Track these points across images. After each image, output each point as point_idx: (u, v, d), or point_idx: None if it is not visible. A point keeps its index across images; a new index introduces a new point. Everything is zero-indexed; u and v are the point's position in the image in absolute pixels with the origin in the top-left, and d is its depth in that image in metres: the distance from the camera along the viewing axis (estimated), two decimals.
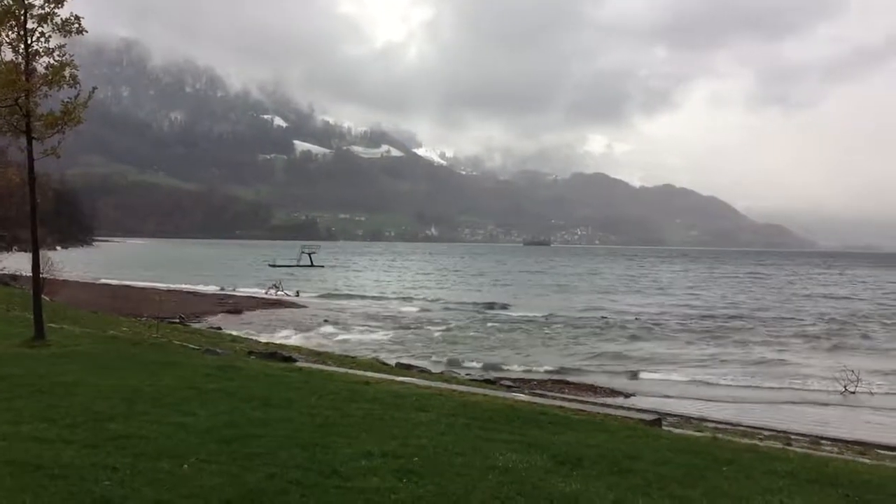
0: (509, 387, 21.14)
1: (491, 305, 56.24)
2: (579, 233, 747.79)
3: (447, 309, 53.53)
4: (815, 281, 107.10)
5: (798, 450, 12.29)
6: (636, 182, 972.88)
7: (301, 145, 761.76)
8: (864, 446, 15.49)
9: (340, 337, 36.23)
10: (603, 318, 47.88)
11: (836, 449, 14.57)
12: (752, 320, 48.48)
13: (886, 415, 21.57)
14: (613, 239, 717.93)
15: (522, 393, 18.31)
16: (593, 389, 24.33)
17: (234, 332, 31.56)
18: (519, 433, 9.92)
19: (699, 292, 78.39)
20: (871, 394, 24.72)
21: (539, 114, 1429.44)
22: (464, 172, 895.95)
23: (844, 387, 25.15)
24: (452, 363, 28.96)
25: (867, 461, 11.31)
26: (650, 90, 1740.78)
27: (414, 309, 52.89)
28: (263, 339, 30.18)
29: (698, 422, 17.52)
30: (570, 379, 26.28)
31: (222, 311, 44.69)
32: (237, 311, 45.21)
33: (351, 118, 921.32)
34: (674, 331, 42.16)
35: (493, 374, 25.37)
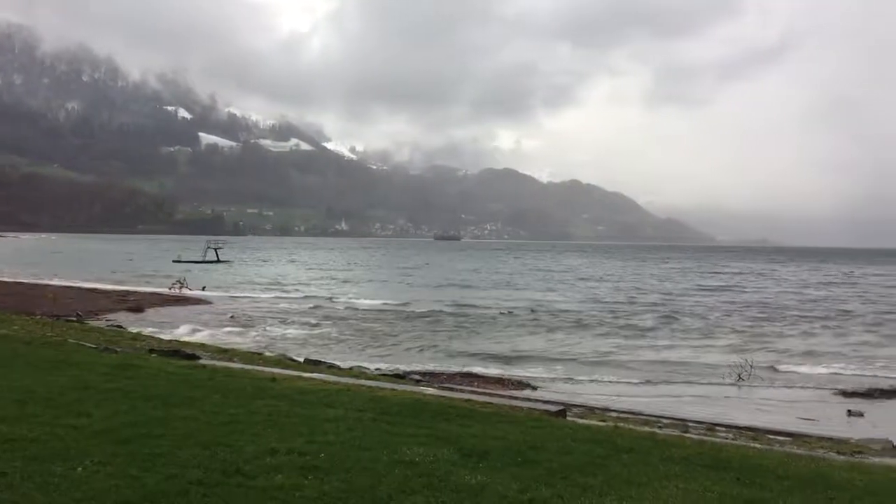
0: (418, 381, 21.19)
1: (398, 301, 56.13)
2: (489, 227, 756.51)
3: (356, 305, 53.21)
4: (710, 273, 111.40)
5: (694, 436, 12.79)
6: (544, 178, 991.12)
7: (207, 138, 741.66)
8: (755, 432, 16.21)
9: (247, 333, 35.54)
10: (504, 312, 48.60)
11: (730, 435, 15.19)
12: (651, 312, 50.08)
13: (776, 403, 22.63)
14: (523, 234, 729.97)
15: (431, 387, 18.38)
16: (501, 382, 24.61)
17: (136, 330, 30.53)
18: (427, 427, 9.98)
19: (599, 285, 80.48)
20: (765, 385, 25.89)
21: (446, 108, 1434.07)
22: (374, 167, 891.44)
23: (739, 375, 26.28)
24: (361, 358, 28.83)
25: (758, 446, 11.86)
26: (553, 86, 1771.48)
27: (323, 304, 52.37)
28: (166, 336, 29.31)
29: (602, 412, 17.97)
30: (479, 372, 26.50)
31: (123, 309, 43.10)
32: (139, 309, 43.69)
33: (256, 110, 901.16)
34: (570, 323, 43.03)
35: (402, 369, 25.38)
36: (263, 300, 55.01)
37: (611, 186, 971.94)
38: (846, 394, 24.04)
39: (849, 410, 21.00)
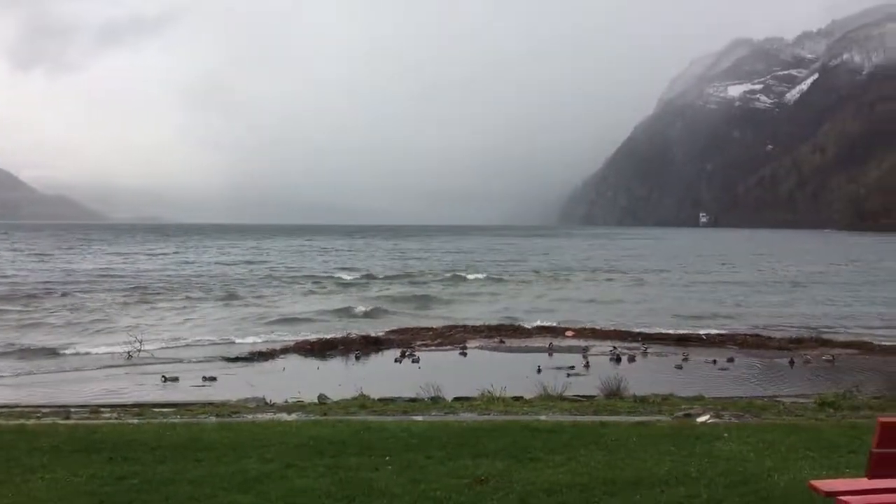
0: None
1: None
2: None
3: None
4: (102, 250, 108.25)
5: (73, 422, 12.28)
6: None
7: None
8: (141, 407, 16.26)
9: None
10: None
11: (115, 415, 14.95)
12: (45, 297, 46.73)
13: (159, 377, 23.06)
14: None
15: None
16: None
17: None
18: None
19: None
20: (153, 356, 26.13)
21: None
22: None
23: (129, 353, 26.03)
24: None
25: (136, 422, 11.92)
26: None
27: None
28: None
29: None
30: None
31: None
32: None
33: None
34: None
35: None
36: None
37: None
38: (229, 359, 25.71)
39: (203, 377, 22.18)
